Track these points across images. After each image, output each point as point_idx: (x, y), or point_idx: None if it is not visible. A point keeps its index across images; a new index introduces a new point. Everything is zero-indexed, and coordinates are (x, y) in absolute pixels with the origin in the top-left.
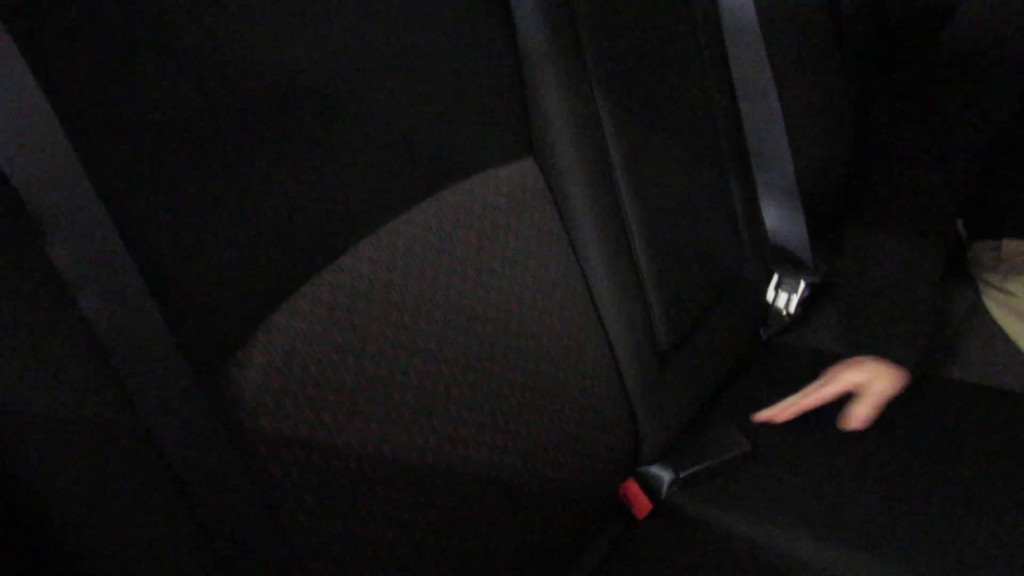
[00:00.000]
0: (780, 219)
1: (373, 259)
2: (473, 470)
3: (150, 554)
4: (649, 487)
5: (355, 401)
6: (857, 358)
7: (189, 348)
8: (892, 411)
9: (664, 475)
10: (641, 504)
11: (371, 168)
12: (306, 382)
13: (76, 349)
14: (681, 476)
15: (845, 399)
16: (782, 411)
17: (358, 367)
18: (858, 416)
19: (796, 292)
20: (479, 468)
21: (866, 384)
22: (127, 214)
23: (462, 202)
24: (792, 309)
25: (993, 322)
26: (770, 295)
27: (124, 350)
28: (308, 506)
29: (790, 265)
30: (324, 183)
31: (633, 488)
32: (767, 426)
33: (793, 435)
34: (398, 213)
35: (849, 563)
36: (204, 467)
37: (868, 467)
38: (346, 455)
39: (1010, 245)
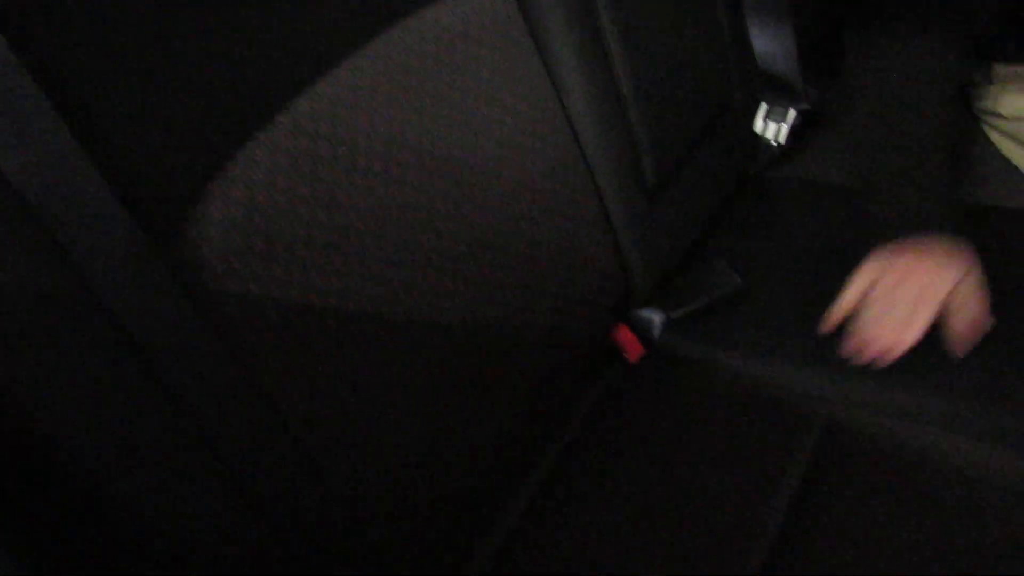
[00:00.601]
0: (768, 42)
1: (334, 100)
2: (458, 321)
3: (123, 431)
4: (641, 330)
5: (328, 256)
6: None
7: (136, 208)
8: None
9: (655, 317)
10: (634, 348)
11: None
12: (272, 239)
13: (2, 213)
14: (672, 317)
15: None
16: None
17: (328, 219)
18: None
19: (786, 121)
20: (464, 318)
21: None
22: (42, 58)
23: (428, 33)
24: (783, 139)
25: (987, 142)
26: (759, 125)
27: (58, 211)
28: (289, 369)
29: (779, 92)
30: (272, 19)
31: (625, 332)
32: (758, 261)
33: (784, 269)
34: (357, 48)
35: (846, 389)
36: (169, 334)
37: None
38: (324, 313)
39: (1000, 68)
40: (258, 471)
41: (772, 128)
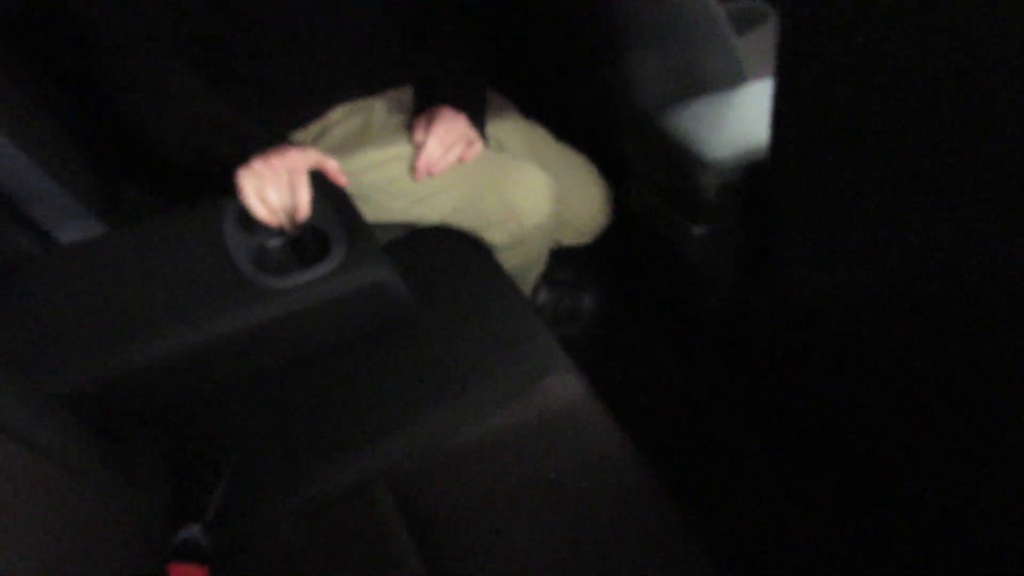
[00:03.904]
0: None
1: None
2: None
3: None
4: (191, 554)
5: None
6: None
7: None
8: None
9: (194, 534)
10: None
11: None
12: None
13: None
14: (208, 520)
15: None
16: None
17: None
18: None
19: None
20: None
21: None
22: None
23: None
24: None
25: None
26: None
27: None
28: None
29: None
30: None
31: (177, 570)
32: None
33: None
34: None
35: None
36: None
37: None
38: None
39: None
40: None
41: None
